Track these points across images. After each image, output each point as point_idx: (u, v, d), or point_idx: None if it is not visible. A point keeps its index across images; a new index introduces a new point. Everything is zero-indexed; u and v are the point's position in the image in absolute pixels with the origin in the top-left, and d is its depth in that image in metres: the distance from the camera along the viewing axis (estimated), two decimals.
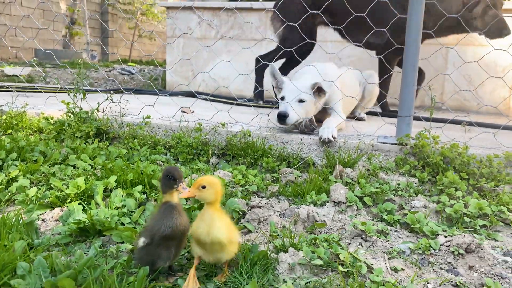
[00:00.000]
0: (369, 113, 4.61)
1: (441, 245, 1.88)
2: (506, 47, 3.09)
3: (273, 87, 3.54)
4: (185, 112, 4.00)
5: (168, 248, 1.52)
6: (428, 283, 1.66)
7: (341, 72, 3.53)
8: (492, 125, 3.81)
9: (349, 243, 1.92)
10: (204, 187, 1.46)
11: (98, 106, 3.31)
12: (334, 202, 2.30)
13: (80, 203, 2.08)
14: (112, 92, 3.86)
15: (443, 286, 1.65)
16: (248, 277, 1.47)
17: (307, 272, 1.58)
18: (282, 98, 3.23)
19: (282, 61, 5.05)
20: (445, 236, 1.95)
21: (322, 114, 3.43)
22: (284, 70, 4.96)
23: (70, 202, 2.11)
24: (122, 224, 1.92)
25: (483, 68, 3.42)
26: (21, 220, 1.83)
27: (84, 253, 1.60)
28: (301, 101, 3.16)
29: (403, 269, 1.71)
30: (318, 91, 3.22)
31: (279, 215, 2.12)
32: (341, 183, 2.53)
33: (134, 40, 14.45)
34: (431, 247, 1.86)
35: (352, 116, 4.20)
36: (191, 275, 1.47)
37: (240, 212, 2.09)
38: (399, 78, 3.01)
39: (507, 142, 3.03)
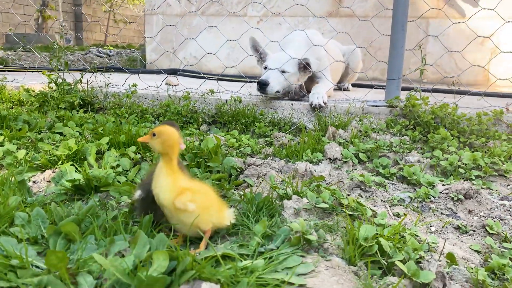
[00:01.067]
0: (353, 85, 4.63)
1: (440, 192, 1.89)
2: (483, 18, 3.13)
3: (257, 62, 3.44)
4: (170, 84, 3.93)
5: None
6: (430, 226, 1.67)
7: (326, 40, 3.51)
8: (477, 92, 3.86)
9: (349, 194, 1.92)
10: (154, 135, 1.32)
11: (82, 77, 3.21)
12: (330, 159, 2.30)
13: (72, 165, 2.02)
14: (85, 70, 3.75)
15: (445, 228, 1.67)
16: (255, 221, 1.45)
17: (312, 216, 1.57)
18: (265, 68, 3.16)
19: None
20: (443, 185, 1.97)
21: (311, 81, 3.41)
22: None
23: (61, 164, 2.04)
24: (119, 182, 1.87)
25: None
26: (13, 179, 1.75)
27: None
28: (283, 71, 3.09)
29: (405, 215, 1.72)
30: (304, 68, 3.15)
31: (277, 171, 2.10)
32: (335, 143, 2.52)
33: (109, 25, 14.11)
34: (430, 195, 1.88)
35: (338, 87, 4.21)
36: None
37: (238, 169, 2.07)
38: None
39: (487, 104, 3.09)
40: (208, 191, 1.39)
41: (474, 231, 1.66)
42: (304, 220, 1.51)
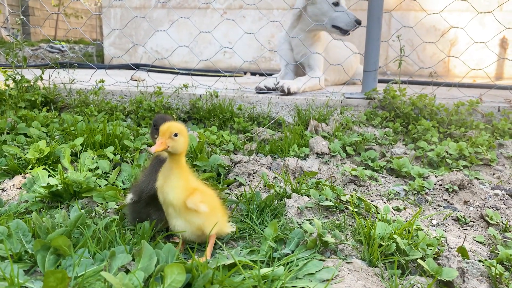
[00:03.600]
0: None
1: (434, 184, 1.88)
2: (444, 11, 3.18)
3: None
4: (135, 80, 3.74)
5: (159, 208, 1.34)
6: (432, 219, 1.64)
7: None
8: (451, 83, 3.94)
9: (343, 189, 1.86)
10: (176, 135, 1.18)
11: (43, 73, 2.98)
12: (317, 154, 2.24)
13: (44, 169, 1.84)
14: (46, 66, 3.49)
15: (445, 221, 1.64)
16: (260, 223, 1.36)
17: (317, 215, 1.49)
18: None
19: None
20: (436, 176, 1.96)
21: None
22: None
23: (32, 169, 1.86)
24: (100, 186, 1.72)
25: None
26: None
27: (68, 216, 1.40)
28: None
29: (405, 209, 1.68)
30: None
31: (267, 168, 2.02)
32: (319, 136, 2.47)
33: (59, 19, 13.44)
34: (425, 187, 1.86)
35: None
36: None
37: (226, 168, 1.96)
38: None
39: (459, 95, 3.15)
40: (213, 193, 1.29)
41: (473, 222, 1.65)
42: (310, 220, 1.43)
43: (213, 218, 1.22)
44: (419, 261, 1.13)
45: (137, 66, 4.89)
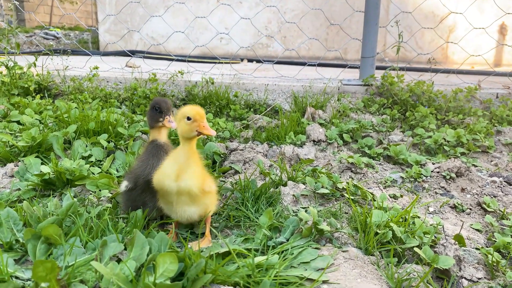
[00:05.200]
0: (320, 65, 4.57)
1: (431, 171, 1.86)
2: None
3: None
4: (130, 66, 3.70)
5: (155, 195, 1.32)
6: (429, 206, 1.63)
7: None
8: (450, 70, 3.91)
9: (340, 177, 1.85)
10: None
11: (36, 59, 2.93)
12: (314, 141, 2.22)
13: (37, 157, 1.81)
14: (40, 53, 3.43)
15: (442, 208, 1.63)
16: (255, 211, 1.35)
17: (312, 203, 1.48)
18: None
19: None
20: (433, 163, 1.94)
21: None
22: None
23: (24, 156, 1.83)
24: (93, 174, 1.69)
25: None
26: None
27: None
28: None
29: (402, 196, 1.67)
30: None
31: (263, 155, 1.99)
32: (316, 124, 2.44)
33: (54, 5, 13.27)
34: (422, 174, 1.84)
35: None
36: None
37: (222, 155, 1.94)
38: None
39: (457, 81, 3.12)
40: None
41: (470, 209, 1.63)
42: (306, 207, 1.42)
43: (216, 196, 1.25)
44: (416, 249, 1.12)
45: (132, 53, 4.82)
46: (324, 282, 0.98)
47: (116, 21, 6.04)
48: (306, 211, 1.34)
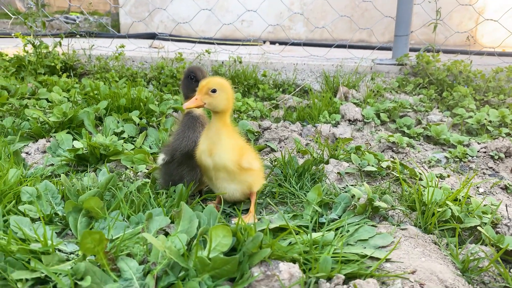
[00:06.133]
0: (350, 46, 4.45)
1: (477, 151, 1.77)
2: None
3: None
4: (155, 47, 3.64)
5: (193, 168, 1.27)
6: (478, 187, 1.54)
7: None
8: (480, 51, 3.76)
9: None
10: (214, 91, 1.10)
11: (62, 39, 2.89)
12: (349, 120, 2.13)
13: (68, 132, 1.77)
14: (64, 34, 3.38)
15: (493, 189, 1.54)
16: (299, 188, 1.28)
17: (358, 181, 1.40)
18: None
19: None
20: (479, 143, 1.84)
21: None
22: None
23: (55, 132, 1.79)
24: (127, 150, 1.65)
25: None
26: (6, 150, 1.51)
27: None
28: None
29: (448, 176, 1.58)
30: None
31: (298, 134, 1.92)
32: (351, 103, 2.36)
33: None
34: (467, 154, 1.75)
35: None
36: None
37: (256, 133, 1.87)
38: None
39: (491, 62, 2.99)
40: (252, 148, 1.21)
41: None
42: (355, 185, 1.34)
43: (261, 174, 1.18)
44: (480, 228, 1.04)
45: (153, 36, 4.76)
46: (387, 260, 0.91)
47: (137, 4, 5.98)
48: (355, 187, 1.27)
